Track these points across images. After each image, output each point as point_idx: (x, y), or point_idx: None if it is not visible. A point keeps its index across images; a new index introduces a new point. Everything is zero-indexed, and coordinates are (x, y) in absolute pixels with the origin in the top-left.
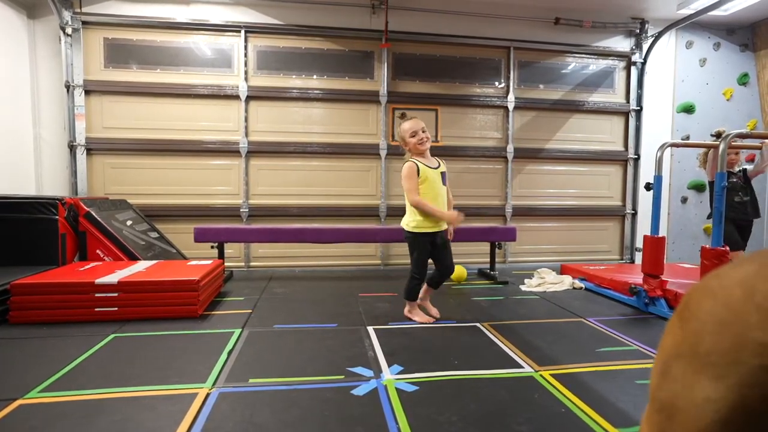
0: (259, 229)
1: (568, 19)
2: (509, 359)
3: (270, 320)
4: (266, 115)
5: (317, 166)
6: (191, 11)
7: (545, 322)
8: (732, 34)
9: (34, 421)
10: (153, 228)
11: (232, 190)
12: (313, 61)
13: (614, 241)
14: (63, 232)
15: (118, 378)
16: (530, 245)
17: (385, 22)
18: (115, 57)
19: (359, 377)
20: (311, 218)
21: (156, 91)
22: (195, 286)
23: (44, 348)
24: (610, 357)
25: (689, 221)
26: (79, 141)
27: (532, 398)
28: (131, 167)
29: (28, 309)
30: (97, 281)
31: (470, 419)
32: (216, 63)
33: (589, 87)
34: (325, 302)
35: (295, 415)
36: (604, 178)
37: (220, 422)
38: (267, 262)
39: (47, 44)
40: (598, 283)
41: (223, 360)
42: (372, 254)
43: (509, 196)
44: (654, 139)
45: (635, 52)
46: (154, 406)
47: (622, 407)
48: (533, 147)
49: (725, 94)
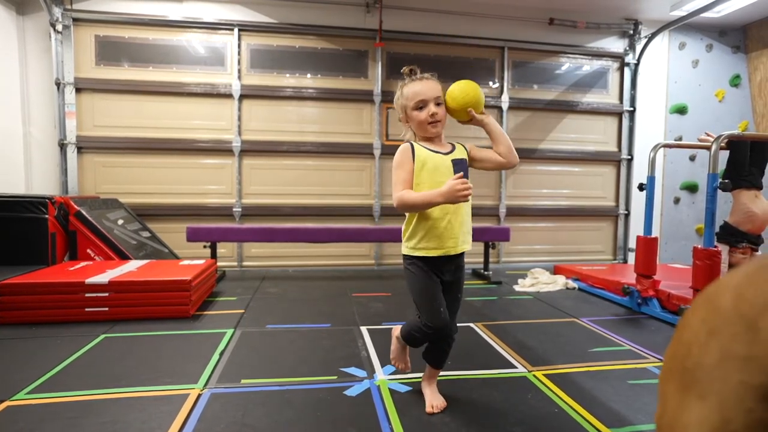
0: (252, 229)
1: (562, 20)
2: (502, 359)
3: (263, 320)
4: (259, 114)
5: (311, 166)
6: (184, 9)
7: (538, 323)
8: (724, 36)
9: (22, 423)
10: (145, 227)
11: (225, 190)
12: (306, 60)
13: (607, 241)
14: (53, 231)
15: (108, 379)
16: (524, 245)
17: (380, 21)
18: (106, 54)
19: (352, 378)
20: (305, 218)
21: (148, 89)
22: (187, 286)
23: (33, 349)
24: (603, 357)
25: (681, 222)
26: (69, 139)
27: (526, 398)
28: (123, 166)
29: (16, 309)
30: (87, 281)
31: (463, 420)
32: (209, 61)
33: (583, 87)
34: (319, 302)
35: (287, 416)
36: (597, 178)
37: (211, 423)
38: (260, 262)
39: (37, 41)
40: (591, 283)
41: (215, 360)
42: (366, 254)
43: (503, 196)
44: (647, 140)
45: (629, 53)
46: (144, 407)
47: (615, 407)
48: (527, 147)
49: (717, 95)
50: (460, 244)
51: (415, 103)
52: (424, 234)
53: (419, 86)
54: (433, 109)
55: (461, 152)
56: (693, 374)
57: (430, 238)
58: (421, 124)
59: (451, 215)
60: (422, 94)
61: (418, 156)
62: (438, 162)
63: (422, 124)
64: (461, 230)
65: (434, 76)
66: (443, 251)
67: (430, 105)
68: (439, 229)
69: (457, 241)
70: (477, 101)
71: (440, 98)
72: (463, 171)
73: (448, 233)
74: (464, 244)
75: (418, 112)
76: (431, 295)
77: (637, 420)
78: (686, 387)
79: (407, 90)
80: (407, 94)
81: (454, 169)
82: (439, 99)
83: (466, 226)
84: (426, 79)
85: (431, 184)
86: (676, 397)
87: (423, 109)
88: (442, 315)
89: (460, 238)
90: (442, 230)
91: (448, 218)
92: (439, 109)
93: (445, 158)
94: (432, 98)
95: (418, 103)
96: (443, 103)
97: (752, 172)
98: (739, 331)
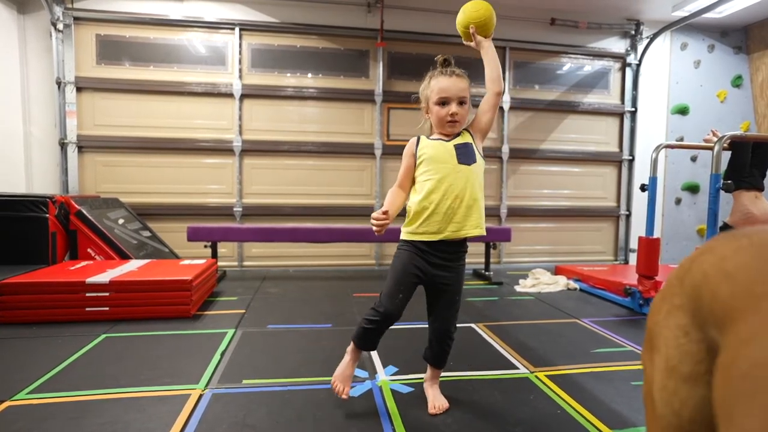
0: (252, 229)
1: (563, 20)
2: (504, 360)
3: (264, 320)
4: (260, 114)
5: (311, 166)
6: (185, 8)
7: (540, 323)
8: (726, 37)
9: (22, 423)
10: (145, 227)
11: (225, 189)
12: (308, 60)
13: (608, 242)
14: (53, 230)
15: (108, 379)
16: (525, 246)
17: (381, 20)
18: (107, 53)
19: (354, 378)
20: (305, 218)
21: (149, 88)
22: (188, 285)
23: (33, 348)
24: (605, 358)
25: (683, 222)
26: (70, 138)
27: (527, 399)
28: (123, 165)
29: (17, 309)
30: (87, 281)
31: (465, 420)
32: (210, 60)
33: (585, 88)
34: (320, 302)
35: (288, 417)
36: (598, 179)
37: (212, 424)
38: (261, 262)
39: (38, 40)
40: (592, 284)
41: (216, 360)
42: (366, 254)
43: (504, 196)
44: (648, 141)
45: (630, 53)
46: (144, 408)
47: (617, 408)
48: (528, 147)
49: (719, 96)
50: (464, 228)
51: (439, 98)
52: (426, 216)
53: (446, 82)
54: (455, 108)
55: (465, 136)
56: (652, 333)
57: (432, 222)
58: (440, 120)
59: (454, 199)
60: (447, 91)
61: (420, 149)
62: (439, 149)
63: (441, 120)
64: (466, 214)
65: (465, 73)
66: (443, 235)
67: (453, 104)
68: (440, 214)
69: (461, 224)
70: (484, 21)
71: (465, 98)
72: (467, 154)
73: (450, 217)
74: (474, 228)
75: (440, 108)
76: (400, 279)
77: (640, 421)
78: (651, 348)
79: (434, 83)
80: (433, 87)
81: (457, 153)
82: (464, 99)
83: (473, 211)
84: (456, 75)
85: (434, 172)
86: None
87: (445, 105)
88: (397, 302)
89: (467, 222)
90: (444, 214)
91: (448, 203)
92: (461, 108)
93: (447, 144)
94: (456, 97)
95: (441, 99)
96: (467, 103)
97: (753, 173)
98: (676, 289)
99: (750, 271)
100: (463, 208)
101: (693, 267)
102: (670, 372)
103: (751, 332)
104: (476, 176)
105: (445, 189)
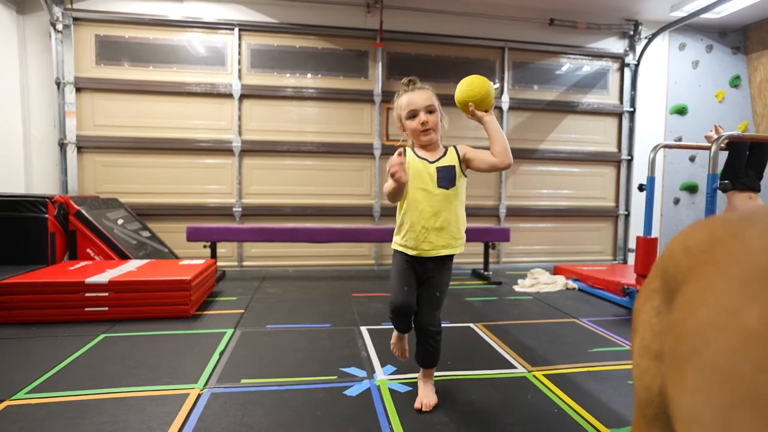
0: (252, 229)
1: (562, 20)
2: (502, 360)
3: (263, 320)
4: (260, 114)
5: (311, 166)
6: (184, 8)
7: (538, 323)
8: (724, 37)
9: (22, 423)
10: (145, 227)
11: (225, 189)
12: (307, 60)
13: (607, 241)
14: (53, 230)
15: (107, 379)
16: (524, 246)
17: (380, 21)
18: (106, 54)
19: (352, 378)
20: (305, 218)
21: (148, 88)
22: (187, 285)
23: (33, 348)
24: (603, 357)
25: (681, 222)
26: (69, 139)
27: (525, 399)
28: (123, 165)
29: (16, 309)
30: (87, 281)
31: (463, 420)
32: (209, 61)
33: (583, 88)
34: (319, 302)
35: (287, 416)
36: (597, 179)
37: (211, 423)
38: (260, 262)
39: (37, 40)
40: (591, 283)
41: (215, 360)
42: (366, 254)
43: (503, 196)
44: (647, 141)
45: (629, 53)
46: (144, 407)
47: (615, 408)
48: (527, 148)
49: (717, 96)
50: (436, 248)
51: (407, 112)
52: (405, 231)
53: (411, 96)
54: (423, 117)
55: (451, 157)
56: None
57: (409, 238)
58: (414, 132)
59: (428, 220)
60: (413, 103)
61: (407, 162)
62: (420, 169)
63: (415, 132)
64: (440, 234)
65: (429, 86)
66: (417, 252)
67: (421, 114)
68: (415, 231)
69: (433, 245)
70: (481, 98)
71: (432, 106)
72: (448, 177)
73: (423, 236)
74: (443, 248)
75: (411, 121)
76: (399, 276)
77: None
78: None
79: (401, 100)
80: (401, 104)
81: (438, 176)
82: (431, 107)
83: (445, 233)
84: (419, 89)
85: (412, 190)
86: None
87: (415, 117)
88: (404, 293)
89: (438, 242)
90: (418, 233)
91: (422, 224)
92: (431, 117)
93: (429, 166)
94: (423, 107)
95: (410, 113)
96: (436, 111)
97: (748, 174)
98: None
99: (702, 245)
100: (436, 229)
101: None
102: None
103: (697, 294)
104: (454, 197)
105: (421, 209)
